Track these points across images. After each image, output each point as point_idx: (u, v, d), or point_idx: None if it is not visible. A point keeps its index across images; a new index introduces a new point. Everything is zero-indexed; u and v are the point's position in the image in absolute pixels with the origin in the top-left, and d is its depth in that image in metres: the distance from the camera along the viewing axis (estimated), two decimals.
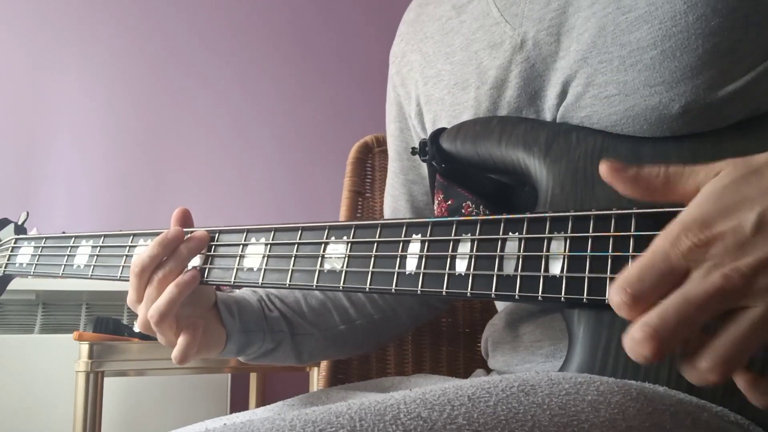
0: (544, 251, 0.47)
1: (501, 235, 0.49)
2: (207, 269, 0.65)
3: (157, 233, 0.66)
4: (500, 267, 0.49)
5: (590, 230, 0.46)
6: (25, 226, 0.90)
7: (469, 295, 0.49)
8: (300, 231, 0.61)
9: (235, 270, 0.63)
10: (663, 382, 0.43)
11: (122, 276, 0.71)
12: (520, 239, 0.49)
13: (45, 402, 1.79)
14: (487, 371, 0.74)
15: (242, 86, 2.53)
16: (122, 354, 1.44)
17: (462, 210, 0.60)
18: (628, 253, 0.44)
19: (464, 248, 0.51)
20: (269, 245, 0.62)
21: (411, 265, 0.53)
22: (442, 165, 0.61)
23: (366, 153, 1.02)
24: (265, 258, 0.62)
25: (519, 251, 0.48)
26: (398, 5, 0.79)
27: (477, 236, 0.50)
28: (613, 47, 0.52)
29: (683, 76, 0.49)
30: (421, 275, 0.52)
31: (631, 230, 0.45)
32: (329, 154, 2.53)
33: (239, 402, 2.07)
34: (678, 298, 0.35)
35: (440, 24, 0.67)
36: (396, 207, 0.79)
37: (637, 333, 0.35)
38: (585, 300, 0.45)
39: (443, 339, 1.00)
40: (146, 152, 2.38)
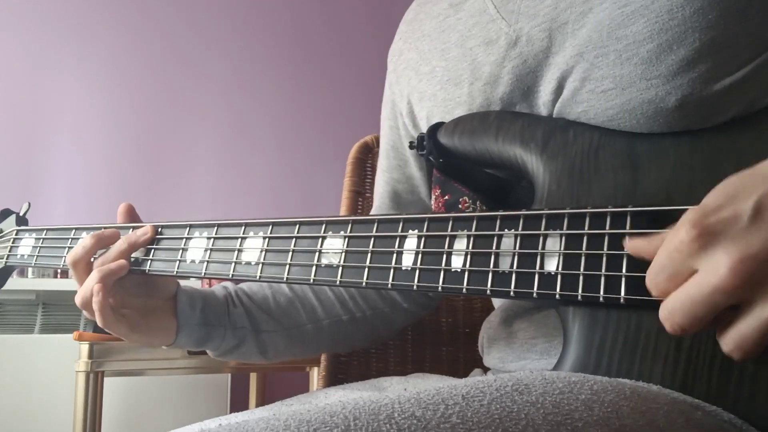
0: (540, 248, 0.47)
1: (497, 232, 0.49)
2: (206, 263, 0.66)
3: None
4: (496, 263, 0.49)
5: (586, 227, 0.46)
6: (27, 217, 0.88)
7: (465, 291, 0.49)
8: (297, 225, 0.61)
9: (234, 264, 0.64)
10: (657, 381, 0.43)
11: None
12: (516, 236, 0.49)
13: (45, 402, 1.79)
14: (485, 371, 0.73)
15: (242, 86, 2.53)
16: (122, 354, 1.45)
17: (459, 205, 0.60)
18: (623, 252, 0.44)
19: (460, 244, 0.51)
20: (267, 239, 0.63)
21: (407, 261, 0.53)
22: (440, 160, 0.61)
23: (366, 153, 1.02)
24: (263, 252, 0.62)
25: (515, 248, 0.48)
26: (399, 5, 0.79)
27: (473, 232, 0.50)
28: (609, 41, 0.51)
29: (680, 70, 0.48)
30: (417, 271, 0.52)
31: (627, 228, 0.45)
32: (329, 154, 2.53)
33: (239, 402, 2.07)
34: (688, 293, 0.37)
35: (437, 22, 0.67)
36: (380, 204, 0.80)
37: (662, 315, 0.39)
38: (580, 297, 0.45)
39: (443, 339, 1.00)
40: (146, 151, 2.39)
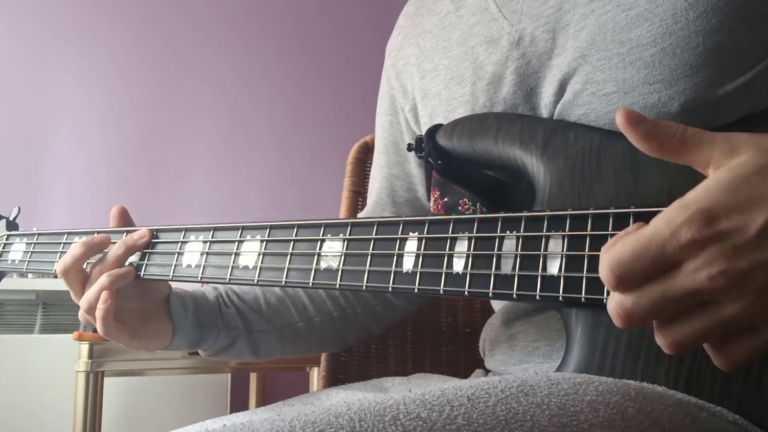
0: (542, 250, 0.47)
1: (498, 234, 0.49)
2: (202, 267, 0.65)
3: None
4: (498, 266, 0.48)
5: (588, 229, 0.46)
6: (17, 222, 0.87)
7: (467, 294, 0.49)
8: (296, 228, 0.60)
9: (231, 268, 0.63)
10: (661, 382, 0.43)
11: None
12: (518, 237, 0.48)
13: (45, 402, 1.78)
14: (486, 372, 0.73)
15: (242, 86, 2.53)
16: (122, 354, 1.44)
17: (458, 207, 0.60)
18: None
19: (461, 246, 0.50)
20: (265, 242, 0.62)
21: (408, 264, 0.53)
22: (439, 162, 0.61)
23: (366, 153, 1.02)
24: (261, 256, 0.62)
25: (516, 250, 0.48)
26: (400, 5, 0.79)
27: (474, 234, 0.50)
28: (613, 45, 0.51)
29: (683, 74, 0.48)
30: (418, 274, 0.52)
31: None
32: (329, 154, 2.53)
33: (239, 402, 2.07)
34: (657, 292, 0.36)
35: (439, 18, 0.67)
36: (377, 200, 0.79)
37: (611, 306, 0.37)
38: (583, 299, 0.44)
39: (443, 339, 0.99)
40: (146, 151, 2.38)
